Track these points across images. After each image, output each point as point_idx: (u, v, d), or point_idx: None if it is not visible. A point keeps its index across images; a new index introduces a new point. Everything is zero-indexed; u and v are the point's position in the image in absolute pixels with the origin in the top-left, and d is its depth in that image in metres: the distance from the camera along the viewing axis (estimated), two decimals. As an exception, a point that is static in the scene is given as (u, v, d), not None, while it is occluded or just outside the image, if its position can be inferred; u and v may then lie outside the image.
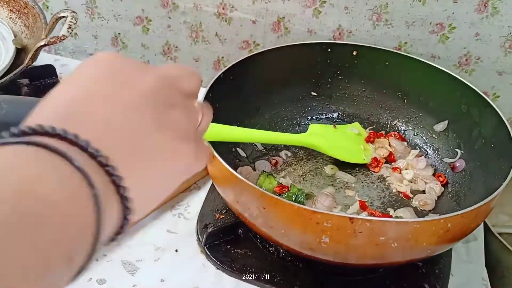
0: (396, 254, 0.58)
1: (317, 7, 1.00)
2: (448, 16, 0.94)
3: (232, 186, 0.62)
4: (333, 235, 0.55)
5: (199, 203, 0.77)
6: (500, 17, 0.91)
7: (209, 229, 0.71)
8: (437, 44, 0.97)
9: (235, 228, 0.72)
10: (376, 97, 0.86)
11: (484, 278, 0.72)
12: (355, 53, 0.83)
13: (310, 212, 0.54)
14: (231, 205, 0.65)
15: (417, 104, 0.83)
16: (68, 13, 0.87)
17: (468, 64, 0.98)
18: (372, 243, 0.55)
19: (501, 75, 0.97)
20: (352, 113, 0.87)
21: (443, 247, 0.62)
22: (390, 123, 0.85)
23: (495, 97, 1.00)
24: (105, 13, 1.17)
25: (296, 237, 0.59)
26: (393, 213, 0.73)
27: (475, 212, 0.57)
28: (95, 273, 0.68)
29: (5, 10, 0.96)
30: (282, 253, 0.70)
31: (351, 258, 0.60)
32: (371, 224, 0.54)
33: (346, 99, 0.87)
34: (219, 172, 0.63)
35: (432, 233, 0.56)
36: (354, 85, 0.86)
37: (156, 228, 0.74)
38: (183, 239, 0.73)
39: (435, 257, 0.66)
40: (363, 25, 1.00)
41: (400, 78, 0.83)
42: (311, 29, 1.04)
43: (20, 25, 0.95)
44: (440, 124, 0.81)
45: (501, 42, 0.94)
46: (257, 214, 0.60)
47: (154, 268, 0.69)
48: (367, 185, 0.78)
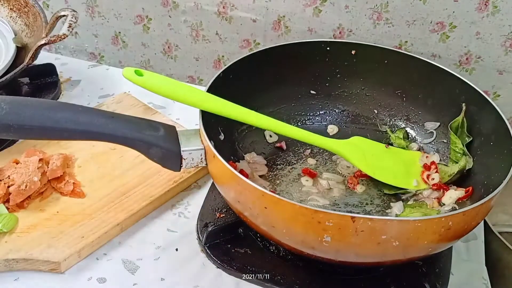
0: (397, 252, 0.58)
1: (318, 6, 1.00)
2: (448, 15, 0.94)
3: (233, 185, 0.62)
4: (334, 234, 0.55)
5: (199, 202, 0.77)
6: (500, 16, 0.91)
7: (209, 228, 0.71)
8: (438, 43, 0.97)
9: (236, 227, 0.72)
10: (375, 95, 0.86)
11: (484, 277, 0.72)
12: (354, 52, 0.83)
13: (311, 211, 0.54)
14: (232, 204, 0.65)
15: (417, 102, 0.83)
16: (69, 12, 0.87)
17: (468, 63, 0.98)
18: (374, 241, 0.55)
19: (501, 74, 0.97)
20: (351, 112, 0.87)
21: (444, 245, 0.62)
22: (389, 121, 0.85)
23: (496, 96, 1.00)
24: (106, 12, 1.17)
25: (298, 236, 0.59)
26: (389, 210, 0.73)
27: (475, 210, 0.57)
28: (96, 272, 0.68)
29: (6, 9, 0.96)
30: (283, 252, 0.70)
31: (352, 256, 0.60)
32: (372, 222, 0.54)
33: (345, 98, 0.87)
34: (220, 171, 0.63)
35: (433, 231, 0.56)
36: (353, 84, 0.86)
37: (156, 227, 0.74)
38: (183, 238, 0.73)
39: (435, 256, 0.66)
40: (363, 24, 1.00)
41: (399, 76, 0.83)
42: (312, 28, 1.04)
43: (21, 24, 0.95)
44: (431, 123, 0.81)
45: (502, 41, 0.94)
46: (258, 213, 0.60)
47: (154, 267, 0.69)
48: (367, 183, 0.78)
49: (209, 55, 1.16)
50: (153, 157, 0.65)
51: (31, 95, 0.92)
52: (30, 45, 0.91)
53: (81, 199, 0.74)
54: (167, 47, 1.19)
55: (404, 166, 0.78)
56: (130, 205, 0.74)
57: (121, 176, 0.78)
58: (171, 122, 0.86)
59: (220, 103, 0.68)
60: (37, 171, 0.73)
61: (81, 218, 0.71)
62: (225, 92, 0.70)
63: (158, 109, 0.93)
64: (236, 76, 0.76)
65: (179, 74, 1.22)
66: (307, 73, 0.85)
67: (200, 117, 0.66)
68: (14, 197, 0.70)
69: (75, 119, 0.62)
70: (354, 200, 0.75)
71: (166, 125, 0.67)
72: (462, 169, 0.74)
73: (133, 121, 0.65)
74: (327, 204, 0.74)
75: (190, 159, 0.66)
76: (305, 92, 0.86)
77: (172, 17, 1.13)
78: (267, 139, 0.82)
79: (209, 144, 0.63)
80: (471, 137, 0.75)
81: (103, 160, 0.80)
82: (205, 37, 1.13)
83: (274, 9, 1.04)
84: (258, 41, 1.09)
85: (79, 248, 0.68)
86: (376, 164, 0.77)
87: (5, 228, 0.68)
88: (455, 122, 0.77)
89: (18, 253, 0.66)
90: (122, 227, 0.72)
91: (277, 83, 0.83)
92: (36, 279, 0.67)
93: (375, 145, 0.81)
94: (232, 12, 1.07)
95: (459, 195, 0.72)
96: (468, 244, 0.76)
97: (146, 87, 0.64)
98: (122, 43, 1.22)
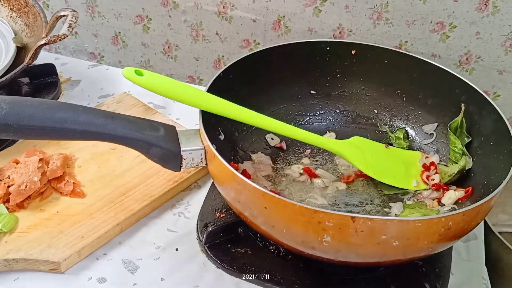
0: (397, 252, 0.58)
1: (318, 6, 1.00)
2: (448, 15, 0.94)
3: (233, 185, 0.62)
4: (334, 234, 0.55)
5: (199, 202, 0.77)
6: (500, 16, 0.91)
7: (209, 228, 0.71)
8: (438, 43, 0.97)
9: (236, 227, 0.72)
10: (375, 95, 0.86)
11: (484, 277, 0.72)
12: (353, 52, 0.83)
13: (311, 211, 0.54)
14: (232, 204, 0.65)
15: (417, 102, 0.83)
16: (69, 12, 0.87)
17: (468, 63, 0.98)
18: (374, 241, 0.55)
19: (501, 74, 0.97)
20: (351, 111, 0.87)
21: (444, 245, 0.62)
22: (389, 121, 0.85)
23: (496, 96, 1.00)
24: (106, 12, 1.17)
25: (298, 236, 0.59)
26: (389, 210, 0.73)
27: (475, 210, 0.57)
28: (96, 272, 0.68)
29: (6, 9, 0.97)
30: (283, 252, 0.70)
31: (353, 256, 0.60)
32: (372, 222, 0.54)
33: (345, 97, 0.87)
34: (220, 171, 0.63)
35: (433, 231, 0.56)
36: (353, 84, 0.86)
37: (157, 227, 0.74)
38: (183, 238, 0.73)
39: (435, 256, 0.66)
40: (363, 24, 1.00)
41: (399, 76, 0.83)
42: (312, 28, 1.04)
43: (21, 24, 0.95)
44: (429, 125, 0.81)
45: (502, 41, 0.94)
46: (258, 213, 0.60)
47: (155, 267, 0.69)
48: (367, 182, 0.78)
49: (209, 55, 1.16)
50: (153, 157, 0.65)
51: (31, 95, 0.92)
52: (30, 45, 0.91)
53: (81, 199, 0.74)
54: (167, 47, 1.19)
55: (404, 167, 0.78)
56: (130, 205, 0.74)
57: (121, 176, 0.78)
58: (171, 122, 0.86)
59: (220, 103, 0.68)
60: (37, 171, 0.73)
61: (81, 218, 0.71)
62: (225, 92, 0.70)
63: (158, 109, 0.93)
64: (236, 76, 0.76)
65: (179, 74, 1.22)
66: (307, 73, 0.85)
67: (200, 117, 0.66)
68: (14, 197, 0.70)
69: (75, 119, 0.62)
70: (354, 200, 0.75)
71: (166, 125, 0.67)
72: (462, 169, 0.74)
73: (133, 121, 0.65)
74: (325, 203, 0.74)
75: (190, 159, 0.66)
76: (305, 92, 0.86)
77: (172, 17, 1.13)
78: (269, 142, 0.82)
79: (209, 144, 0.63)
80: (470, 138, 0.75)
81: (103, 160, 0.80)
82: (205, 37, 1.13)
83: (274, 9, 1.04)
84: (258, 41, 1.09)
85: (79, 248, 0.68)
86: (376, 165, 0.77)
87: (5, 228, 0.68)
88: (454, 123, 0.77)
89: (18, 253, 0.66)
90: (122, 227, 0.72)
91: (277, 83, 0.83)
92: (36, 279, 0.67)
93: (375, 145, 0.81)
94: (232, 12, 1.07)
95: (458, 196, 0.72)
96: (468, 244, 0.76)
97: (146, 87, 0.64)
98: (122, 43, 1.22)
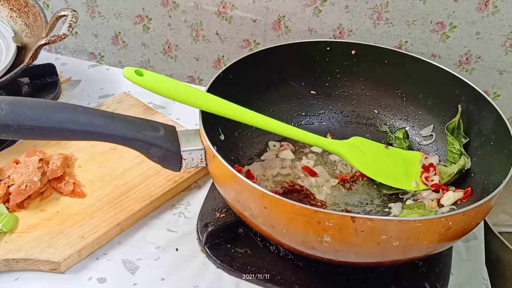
0: (397, 252, 0.58)
1: (318, 6, 1.00)
2: (448, 15, 0.94)
3: (233, 185, 0.62)
4: (334, 234, 0.55)
5: (199, 202, 0.77)
6: (501, 16, 0.91)
7: (209, 228, 0.71)
8: (438, 43, 0.97)
9: (236, 227, 0.72)
10: (375, 95, 0.86)
11: (484, 277, 0.72)
12: (353, 52, 0.83)
13: (311, 211, 0.54)
14: (232, 204, 0.65)
15: (417, 102, 0.83)
16: (69, 12, 0.87)
17: (468, 63, 0.98)
18: (374, 241, 0.55)
19: (501, 74, 0.97)
20: (351, 111, 0.87)
21: (444, 245, 0.62)
22: (389, 121, 0.85)
23: (496, 96, 1.00)
24: (106, 12, 1.17)
25: (298, 236, 0.59)
26: (389, 210, 0.73)
27: (475, 210, 0.57)
28: (96, 272, 0.68)
29: (6, 9, 0.97)
30: (283, 252, 0.70)
31: (353, 256, 0.60)
32: (372, 223, 0.54)
33: (345, 98, 0.87)
34: (220, 171, 0.63)
35: (433, 231, 0.56)
36: (353, 84, 0.86)
37: (157, 227, 0.74)
38: (183, 238, 0.73)
39: (436, 256, 0.66)
40: (363, 24, 1.00)
41: (399, 76, 0.83)
42: (312, 28, 1.04)
43: (21, 24, 0.95)
44: (426, 129, 0.82)
45: (502, 41, 0.94)
46: (258, 213, 0.60)
47: (155, 267, 0.69)
48: (367, 182, 0.78)
49: (209, 55, 1.16)
50: (153, 157, 0.65)
51: (31, 95, 0.92)
52: (30, 45, 0.91)
53: (81, 199, 0.74)
54: (167, 47, 1.19)
55: (403, 167, 0.78)
56: (130, 205, 0.74)
57: (121, 176, 0.78)
58: (171, 122, 0.86)
59: (220, 103, 0.68)
60: (37, 171, 0.73)
61: (81, 218, 0.71)
62: (225, 92, 0.70)
63: (158, 109, 0.93)
64: (236, 76, 0.76)
65: (179, 74, 1.22)
66: (307, 73, 0.85)
67: (200, 117, 0.66)
68: (14, 197, 0.70)
69: (75, 119, 0.62)
70: (354, 200, 0.75)
71: (166, 125, 0.67)
72: (461, 168, 0.74)
73: (133, 121, 0.65)
74: (323, 199, 0.74)
75: (190, 159, 0.66)
76: (305, 92, 0.86)
77: (172, 17, 1.13)
78: (270, 148, 0.82)
79: (209, 144, 0.63)
80: (467, 138, 0.75)
81: (103, 160, 0.80)
82: (205, 37, 1.13)
83: (274, 9, 1.04)
84: (258, 41, 1.09)
85: (79, 248, 0.68)
86: (375, 165, 0.77)
87: (5, 228, 0.68)
88: (452, 124, 0.77)
89: (18, 253, 0.66)
90: (122, 227, 0.73)
91: (277, 83, 0.84)
92: (36, 279, 0.67)
93: (375, 145, 0.81)
94: (232, 12, 1.07)
95: (457, 197, 0.72)
96: (468, 244, 0.76)
97: (146, 87, 0.64)
98: (122, 43, 1.22)
